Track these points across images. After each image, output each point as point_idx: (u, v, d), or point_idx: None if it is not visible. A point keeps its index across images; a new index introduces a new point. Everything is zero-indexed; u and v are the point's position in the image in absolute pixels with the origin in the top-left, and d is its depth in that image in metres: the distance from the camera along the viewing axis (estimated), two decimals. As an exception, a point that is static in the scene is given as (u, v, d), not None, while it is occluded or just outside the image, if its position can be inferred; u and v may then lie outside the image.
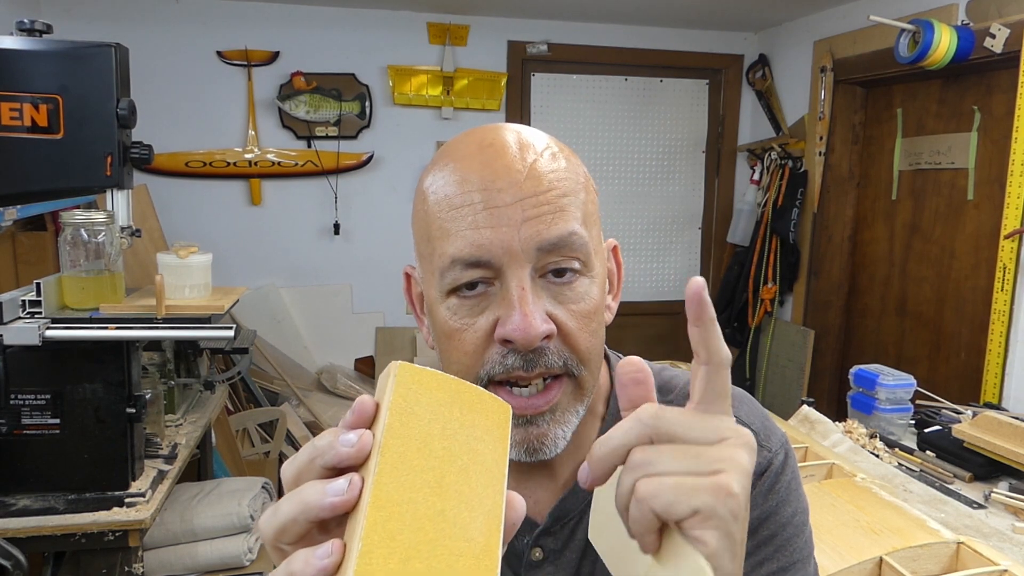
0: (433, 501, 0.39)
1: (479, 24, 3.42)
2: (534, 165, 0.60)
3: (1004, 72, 2.45)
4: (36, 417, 1.58)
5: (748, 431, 0.44)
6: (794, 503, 0.68)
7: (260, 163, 3.29)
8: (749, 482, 0.43)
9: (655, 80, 3.69)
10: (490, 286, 0.60)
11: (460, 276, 0.59)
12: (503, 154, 0.60)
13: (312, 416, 3.19)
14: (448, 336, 0.61)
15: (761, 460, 0.68)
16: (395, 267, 3.51)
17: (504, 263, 0.58)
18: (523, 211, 0.58)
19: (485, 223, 0.58)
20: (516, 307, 0.58)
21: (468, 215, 0.59)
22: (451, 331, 0.61)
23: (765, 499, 0.67)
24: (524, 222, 0.58)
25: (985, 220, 2.59)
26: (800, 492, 0.70)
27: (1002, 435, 1.67)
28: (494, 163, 0.60)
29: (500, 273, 0.59)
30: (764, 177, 3.51)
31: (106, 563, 1.62)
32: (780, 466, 0.68)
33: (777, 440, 0.70)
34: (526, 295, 0.58)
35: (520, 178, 0.59)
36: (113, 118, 1.58)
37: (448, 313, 0.61)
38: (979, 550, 1.22)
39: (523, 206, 0.58)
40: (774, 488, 0.67)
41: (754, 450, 0.44)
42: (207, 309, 1.68)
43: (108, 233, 1.64)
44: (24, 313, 1.58)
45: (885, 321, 3.11)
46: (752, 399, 0.75)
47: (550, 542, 0.68)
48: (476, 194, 0.59)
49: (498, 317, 0.59)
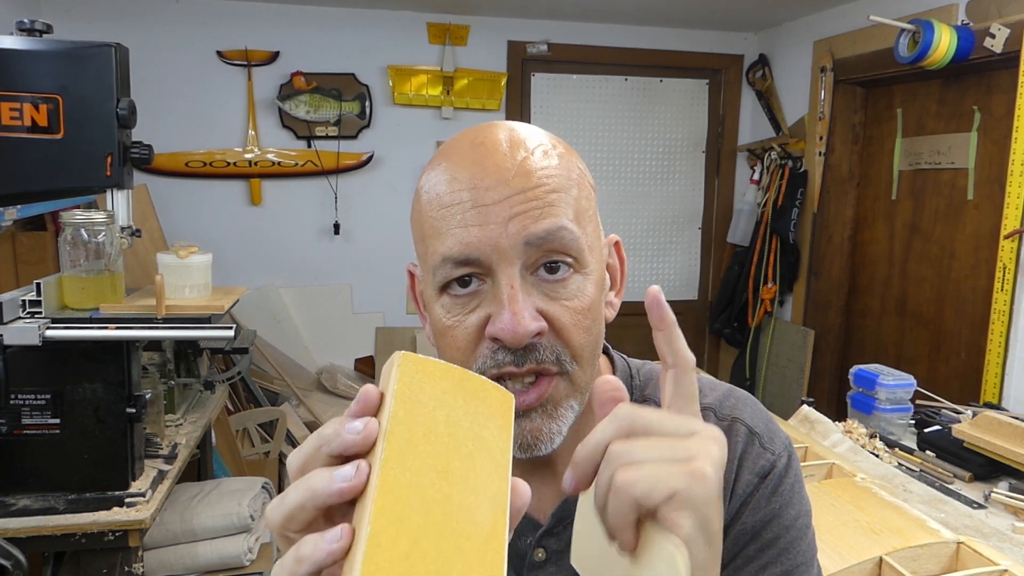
0: (440, 486, 0.39)
1: (479, 24, 3.42)
2: (523, 162, 0.60)
3: (1004, 72, 2.45)
4: (36, 417, 1.58)
5: (717, 428, 0.47)
6: (797, 506, 0.68)
7: (260, 163, 3.29)
8: (722, 472, 0.44)
9: (655, 80, 3.70)
10: (483, 283, 0.60)
11: (450, 274, 0.60)
12: (493, 152, 0.60)
13: (312, 416, 3.19)
14: (442, 333, 0.62)
15: (764, 463, 0.69)
16: (395, 267, 3.51)
17: (493, 261, 0.58)
18: (510, 208, 0.58)
19: (473, 221, 0.58)
20: (505, 305, 0.58)
21: (457, 213, 0.59)
22: (444, 328, 0.61)
23: (768, 501, 0.67)
24: (511, 219, 0.58)
25: (985, 220, 2.59)
26: (803, 495, 0.70)
27: (1002, 435, 1.67)
28: (484, 161, 0.60)
29: (490, 271, 0.59)
30: (764, 177, 3.51)
31: (106, 563, 1.62)
32: (783, 469, 0.68)
33: (781, 443, 0.70)
34: (516, 293, 0.58)
35: (509, 176, 0.59)
36: (113, 118, 1.58)
37: (442, 311, 0.61)
38: (979, 550, 1.22)
39: (511, 203, 0.58)
40: (778, 491, 0.67)
41: (724, 445, 0.46)
42: (207, 309, 1.68)
43: (108, 233, 1.64)
44: (24, 313, 1.58)
45: (885, 321, 3.11)
46: (756, 401, 0.75)
47: (553, 543, 0.68)
48: (465, 192, 0.59)
49: (489, 314, 0.59)
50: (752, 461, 0.69)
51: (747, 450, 0.69)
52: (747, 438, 0.70)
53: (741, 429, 0.70)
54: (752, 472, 0.69)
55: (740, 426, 0.71)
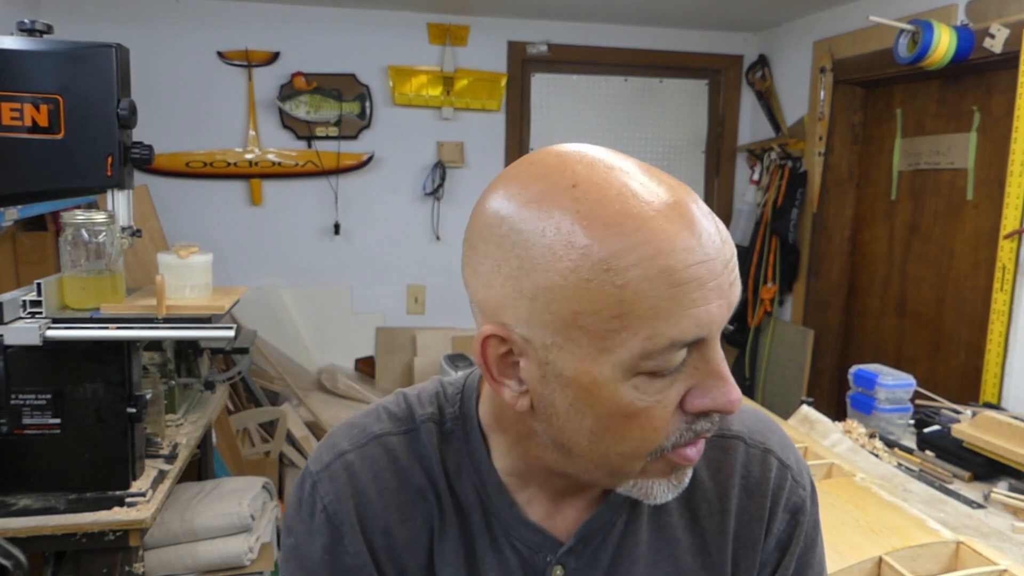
0: None
1: (479, 24, 3.42)
2: (718, 225, 0.56)
3: (1004, 72, 2.45)
4: (37, 417, 1.58)
5: None
6: (820, 541, 0.73)
7: (260, 163, 3.29)
8: None
9: (655, 80, 3.70)
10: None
11: (673, 357, 0.54)
12: (698, 217, 0.55)
13: (312, 416, 3.19)
14: (630, 416, 0.56)
15: (797, 499, 0.72)
16: (395, 267, 3.51)
17: (713, 334, 0.56)
18: (728, 280, 0.55)
19: (712, 299, 0.54)
20: (725, 378, 0.56)
21: (693, 291, 0.53)
22: (637, 410, 0.56)
23: (800, 543, 0.72)
24: (730, 286, 0.55)
25: (984, 220, 2.60)
26: (820, 526, 0.74)
27: (1002, 435, 1.67)
28: (695, 228, 0.54)
29: (699, 344, 0.55)
30: (764, 177, 3.51)
31: (106, 563, 1.62)
32: (812, 505, 0.73)
33: (807, 474, 0.74)
34: (726, 365, 0.57)
35: (719, 242, 0.55)
36: (113, 118, 1.57)
37: (635, 393, 0.55)
38: (979, 550, 1.22)
39: (728, 275, 0.55)
40: (806, 529, 0.72)
41: None
42: (207, 309, 1.68)
43: (109, 233, 1.64)
44: (25, 313, 1.58)
45: (885, 321, 3.11)
46: (774, 422, 0.76)
47: (572, 560, 0.68)
48: (699, 267, 0.53)
49: (689, 388, 0.57)
50: (786, 498, 0.71)
51: (781, 484, 0.71)
52: (779, 471, 0.72)
53: (773, 462, 0.72)
54: (786, 509, 0.71)
55: (772, 459, 0.72)
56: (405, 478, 0.68)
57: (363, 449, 0.69)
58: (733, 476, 0.71)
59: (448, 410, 0.71)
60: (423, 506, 0.68)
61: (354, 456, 0.69)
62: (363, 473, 0.68)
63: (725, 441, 0.72)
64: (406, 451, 0.69)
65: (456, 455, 0.69)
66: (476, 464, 0.68)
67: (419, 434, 0.70)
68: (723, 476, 0.71)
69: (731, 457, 0.71)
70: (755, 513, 0.70)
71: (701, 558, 0.70)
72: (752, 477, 0.71)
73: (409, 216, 3.49)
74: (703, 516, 0.70)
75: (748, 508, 0.71)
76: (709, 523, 0.70)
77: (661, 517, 0.70)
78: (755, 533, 0.70)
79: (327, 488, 0.68)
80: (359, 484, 0.68)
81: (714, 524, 0.70)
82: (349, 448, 0.69)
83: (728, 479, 0.71)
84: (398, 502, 0.68)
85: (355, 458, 0.68)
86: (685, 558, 0.69)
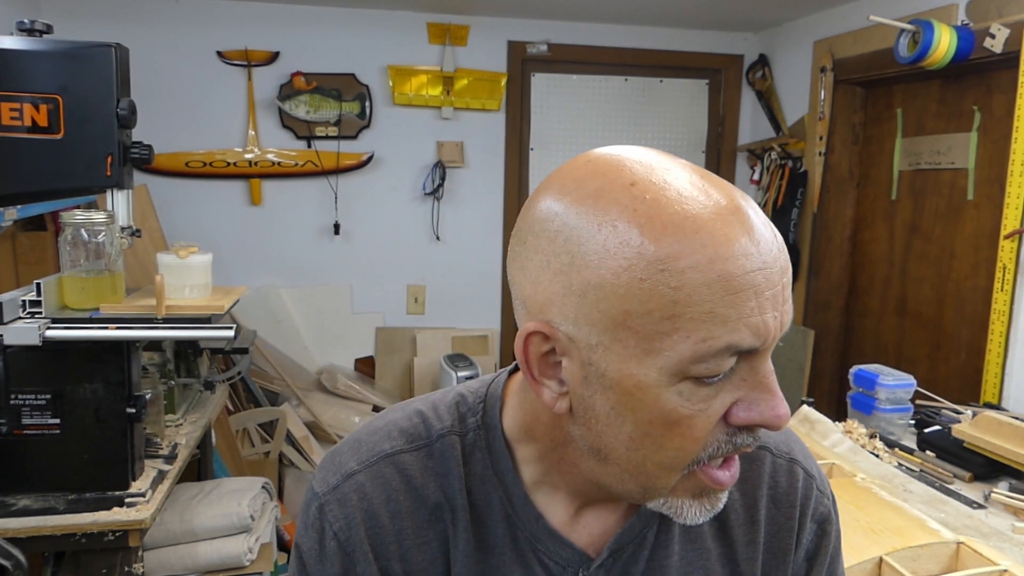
0: None
1: (479, 24, 3.42)
2: (775, 233, 0.55)
3: (1004, 72, 2.44)
4: (36, 417, 1.58)
5: None
6: (840, 554, 0.74)
7: (260, 163, 3.29)
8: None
9: (655, 80, 3.70)
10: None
11: (723, 364, 0.53)
12: (756, 223, 0.53)
13: (312, 416, 3.19)
14: (672, 423, 0.54)
15: (823, 510, 0.72)
16: (395, 267, 3.51)
17: (766, 345, 0.54)
18: (783, 290, 0.53)
19: (768, 307, 0.52)
20: (774, 392, 0.55)
21: (751, 299, 0.51)
22: (680, 418, 0.54)
23: (827, 556, 0.72)
24: (784, 302, 0.54)
25: (985, 220, 2.59)
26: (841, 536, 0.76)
27: (1002, 435, 1.66)
28: (754, 234, 0.52)
29: (749, 355, 0.54)
30: (764, 177, 3.51)
31: (106, 563, 1.62)
32: (835, 515, 0.74)
33: (829, 486, 0.74)
34: (775, 379, 0.56)
35: (776, 250, 0.53)
36: (113, 118, 1.57)
37: (679, 399, 0.53)
38: (979, 550, 1.22)
39: (783, 285, 0.53)
40: (829, 536, 0.73)
41: None
42: (207, 309, 1.68)
43: (108, 233, 1.64)
44: (24, 313, 1.58)
45: (885, 321, 3.11)
46: (798, 436, 0.76)
47: (602, 574, 0.67)
48: (757, 275, 0.51)
49: (735, 400, 0.55)
50: (813, 508, 0.72)
51: (808, 495, 0.72)
52: (806, 481, 0.72)
53: (800, 472, 0.72)
54: (814, 520, 0.72)
55: (799, 469, 0.72)
56: (419, 498, 0.66)
57: (373, 469, 0.66)
58: (761, 487, 0.70)
59: (470, 420, 0.68)
60: (438, 526, 0.66)
61: (364, 477, 0.66)
62: (374, 496, 0.65)
63: (752, 452, 0.70)
64: (420, 469, 0.66)
65: (479, 466, 0.67)
66: (500, 475, 0.66)
67: (436, 449, 0.67)
68: (751, 487, 0.70)
69: (758, 467, 0.71)
70: (784, 524, 0.70)
71: (731, 567, 0.69)
72: (780, 488, 0.71)
73: (409, 216, 3.49)
74: (733, 526, 0.70)
75: (777, 519, 0.70)
76: (739, 533, 0.69)
77: (692, 528, 0.69)
78: (785, 544, 0.70)
79: (336, 513, 0.65)
80: (370, 508, 0.65)
81: (743, 534, 0.69)
82: (358, 468, 0.67)
83: (756, 489, 0.70)
84: (413, 525, 0.66)
85: (365, 479, 0.66)
86: (716, 568, 0.69)
